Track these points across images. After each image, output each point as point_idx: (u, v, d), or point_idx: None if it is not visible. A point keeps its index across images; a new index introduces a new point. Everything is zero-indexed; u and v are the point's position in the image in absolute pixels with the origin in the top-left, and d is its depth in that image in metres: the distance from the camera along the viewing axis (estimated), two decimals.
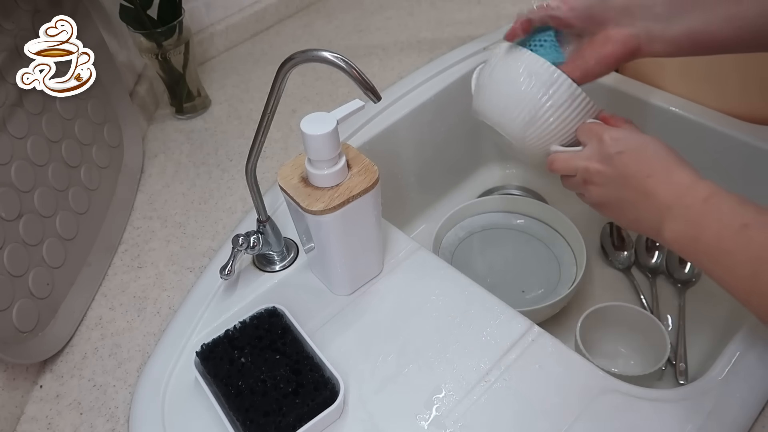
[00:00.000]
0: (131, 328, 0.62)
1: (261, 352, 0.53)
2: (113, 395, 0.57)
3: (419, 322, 0.58)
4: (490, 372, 0.53)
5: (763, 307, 0.43)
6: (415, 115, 0.84)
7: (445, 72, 0.88)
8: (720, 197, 0.46)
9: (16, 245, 0.58)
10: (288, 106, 0.87)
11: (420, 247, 0.65)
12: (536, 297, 0.80)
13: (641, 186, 0.50)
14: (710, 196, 0.46)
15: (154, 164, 0.81)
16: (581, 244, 0.78)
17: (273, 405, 0.49)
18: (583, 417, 0.50)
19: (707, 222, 0.46)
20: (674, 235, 0.48)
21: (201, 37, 0.97)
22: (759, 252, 0.42)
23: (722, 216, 0.45)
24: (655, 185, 0.49)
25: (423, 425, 0.51)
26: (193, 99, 0.87)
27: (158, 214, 0.74)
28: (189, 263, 0.67)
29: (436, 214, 0.93)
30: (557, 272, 0.82)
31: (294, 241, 0.66)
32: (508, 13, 0.99)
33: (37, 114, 0.66)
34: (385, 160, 0.69)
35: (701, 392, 0.51)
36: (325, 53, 0.48)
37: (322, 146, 0.51)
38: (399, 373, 0.54)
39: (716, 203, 0.46)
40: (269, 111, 0.53)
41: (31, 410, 0.57)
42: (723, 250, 0.45)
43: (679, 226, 0.47)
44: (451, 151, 0.94)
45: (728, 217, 0.45)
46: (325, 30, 1.04)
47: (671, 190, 0.48)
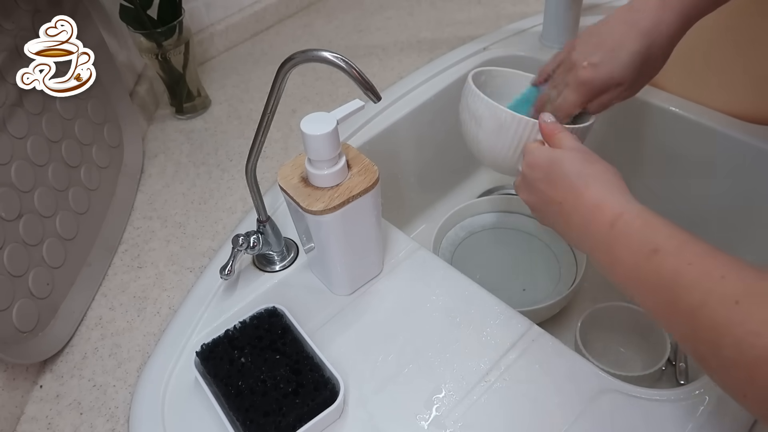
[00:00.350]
0: (131, 328, 0.62)
1: (261, 352, 0.53)
2: (113, 395, 0.57)
3: (419, 322, 0.58)
4: (490, 372, 0.53)
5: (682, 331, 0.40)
6: (415, 115, 0.84)
7: (445, 72, 0.88)
8: (626, 221, 0.44)
9: (16, 245, 0.58)
10: (288, 106, 0.87)
11: (420, 247, 0.65)
12: (536, 297, 0.80)
13: (560, 212, 0.50)
14: (616, 220, 0.45)
15: (154, 164, 0.81)
16: None
17: (273, 405, 0.49)
18: (583, 417, 0.50)
19: (618, 250, 0.44)
20: (596, 263, 0.47)
21: (201, 37, 0.97)
22: (672, 277, 0.39)
23: (630, 243, 0.43)
24: (569, 211, 0.49)
25: (423, 425, 0.51)
26: (193, 99, 0.88)
27: (158, 214, 0.74)
28: (189, 263, 0.67)
29: (436, 214, 0.93)
30: (557, 272, 0.82)
31: (294, 241, 0.66)
32: (508, 13, 0.99)
33: (37, 114, 0.66)
34: (385, 160, 0.69)
35: (701, 392, 0.51)
36: (325, 53, 0.48)
37: (322, 146, 0.51)
38: (399, 373, 0.54)
39: (623, 228, 0.44)
40: (269, 111, 0.53)
41: (31, 410, 0.57)
42: (637, 279, 0.42)
43: (598, 254, 0.46)
44: (451, 151, 0.94)
45: (637, 244, 0.43)
46: (325, 30, 1.04)
47: (580, 216, 0.48)
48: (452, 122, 0.90)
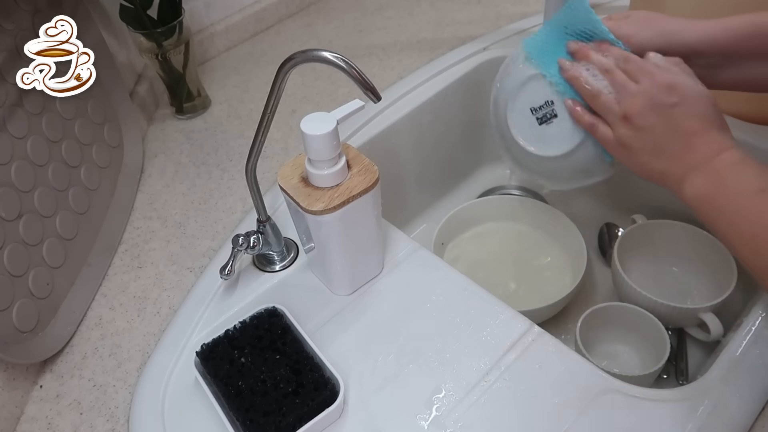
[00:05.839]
0: (131, 328, 0.62)
1: (261, 352, 0.53)
2: (113, 395, 0.57)
3: (419, 322, 0.58)
4: (490, 372, 0.53)
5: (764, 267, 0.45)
6: (415, 115, 0.84)
7: (445, 72, 0.88)
8: (747, 164, 0.48)
9: (16, 245, 0.58)
10: (288, 106, 0.87)
11: (420, 247, 0.65)
12: (536, 297, 0.80)
13: (684, 142, 0.51)
14: (739, 162, 0.48)
15: (154, 164, 0.81)
16: (581, 244, 0.78)
17: (273, 405, 0.49)
18: (583, 417, 0.50)
19: (729, 183, 0.48)
20: (694, 190, 0.49)
21: (201, 37, 0.97)
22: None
23: (744, 179, 0.47)
24: (697, 144, 0.50)
25: (423, 425, 0.51)
26: (193, 99, 0.87)
27: (158, 214, 0.74)
28: (189, 263, 0.67)
29: (436, 214, 0.93)
30: (558, 272, 0.82)
31: (294, 241, 0.66)
32: (508, 13, 0.99)
33: (37, 114, 0.66)
34: (385, 160, 0.69)
35: (701, 392, 0.51)
36: (325, 53, 0.48)
37: (322, 146, 0.51)
38: (399, 373, 0.54)
39: (743, 169, 0.48)
40: (269, 111, 0.53)
41: (31, 410, 0.57)
42: (735, 210, 0.46)
43: (701, 183, 0.49)
44: (451, 151, 0.94)
45: (749, 182, 0.47)
46: (325, 30, 1.04)
47: (707, 151, 0.49)
48: (452, 122, 0.91)
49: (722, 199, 0.48)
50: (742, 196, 0.47)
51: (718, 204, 0.48)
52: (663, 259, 0.79)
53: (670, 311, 0.68)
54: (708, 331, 0.67)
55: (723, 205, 0.48)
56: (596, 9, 0.57)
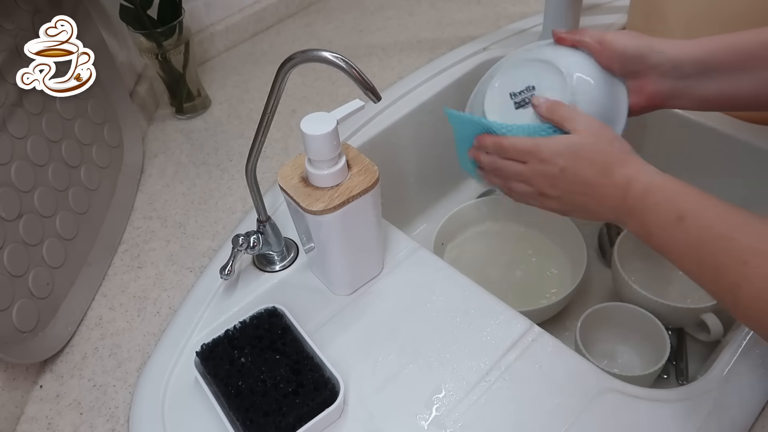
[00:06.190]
0: (131, 328, 0.62)
1: (261, 352, 0.53)
2: (113, 395, 0.57)
3: (419, 322, 0.58)
4: (490, 372, 0.53)
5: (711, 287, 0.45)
6: (415, 115, 0.84)
7: (445, 72, 0.88)
8: (654, 193, 0.48)
9: (16, 245, 0.58)
10: (288, 106, 0.87)
11: (420, 247, 0.65)
12: (536, 297, 0.80)
13: (592, 192, 0.51)
14: (646, 193, 0.48)
15: (154, 164, 0.81)
16: (581, 244, 0.78)
17: (273, 405, 0.49)
18: (583, 417, 0.50)
19: (649, 220, 0.48)
20: (633, 230, 0.50)
21: (201, 37, 0.97)
22: (696, 240, 0.45)
23: (660, 212, 0.47)
24: (604, 190, 0.51)
25: (423, 425, 0.51)
26: (193, 99, 0.87)
27: (158, 214, 0.74)
28: (189, 263, 0.67)
29: (436, 214, 0.93)
30: (557, 272, 0.82)
31: (294, 241, 0.66)
32: (508, 13, 0.99)
33: (37, 114, 0.66)
34: (385, 160, 0.69)
35: (701, 392, 0.51)
36: (325, 53, 0.48)
37: (322, 146, 0.51)
38: (399, 373, 0.54)
39: (653, 199, 0.48)
40: (269, 111, 0.53)
41: (31, 410, 0.57)
42: (669, 244, 0.47)
43: (631, 225, 0.50)
44: (452, 151, 0.94)
45: (665, 213, 0.47)
46: (325, 30, 1.04)
47: (615, 192, 0.50)
48: None
49: (655, 239, 0.48)
50: (666, 230, 0.47)
51: (654, 242, 0.49)
52: (663, 259, 0.78)
53: (670, 311, 0.69)
54: (708, 331, 0.67)
55: (659, 243, 0.48)
56: (596, 9, 0.57)
